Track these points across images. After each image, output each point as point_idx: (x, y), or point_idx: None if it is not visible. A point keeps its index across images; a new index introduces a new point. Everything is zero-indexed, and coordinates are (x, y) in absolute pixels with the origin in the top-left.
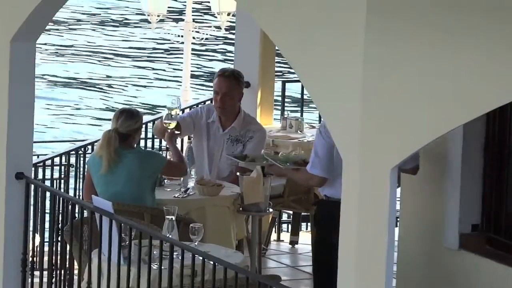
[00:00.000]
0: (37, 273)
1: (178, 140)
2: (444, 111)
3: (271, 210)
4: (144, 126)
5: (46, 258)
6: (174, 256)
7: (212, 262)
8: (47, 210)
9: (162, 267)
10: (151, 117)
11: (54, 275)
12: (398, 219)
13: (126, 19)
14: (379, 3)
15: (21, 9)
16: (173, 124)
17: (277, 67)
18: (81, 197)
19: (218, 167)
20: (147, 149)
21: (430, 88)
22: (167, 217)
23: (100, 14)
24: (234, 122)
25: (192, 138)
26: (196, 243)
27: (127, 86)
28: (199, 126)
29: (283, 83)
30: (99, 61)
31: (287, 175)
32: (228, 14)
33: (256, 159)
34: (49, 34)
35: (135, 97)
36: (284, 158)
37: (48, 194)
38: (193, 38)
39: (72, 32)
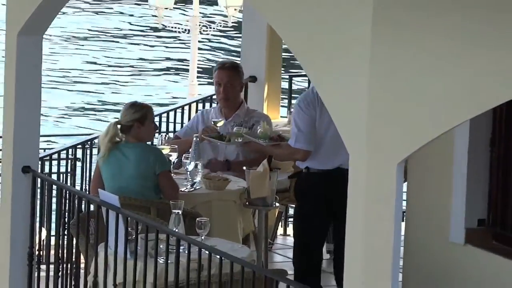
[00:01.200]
0: (43, 266)
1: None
2: (451, 106)
3: (277, 204)
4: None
5: (52, 252)
6: (181, 250)
7: (218, 256)
8: (54, 204)
9: (169, 261)
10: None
11: (60, 269)
12: (404, 214)
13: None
14: (386, 1)
15: (28, 3)
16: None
17: (284, 61)
18: (87, 191)
19: (224, 154)
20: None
21: (436, 84)
22: (174, 211)
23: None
24: (238, 110)
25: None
26: (202, 237)
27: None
28: (198, 127)
29: (290, 77)
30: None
31: (267, 151)
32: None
33: (232, 137)
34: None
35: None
36: (263, 135)
37: (54, 187)
38: (200, 33)
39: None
